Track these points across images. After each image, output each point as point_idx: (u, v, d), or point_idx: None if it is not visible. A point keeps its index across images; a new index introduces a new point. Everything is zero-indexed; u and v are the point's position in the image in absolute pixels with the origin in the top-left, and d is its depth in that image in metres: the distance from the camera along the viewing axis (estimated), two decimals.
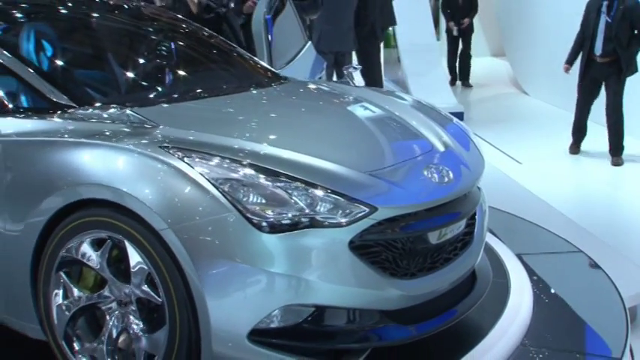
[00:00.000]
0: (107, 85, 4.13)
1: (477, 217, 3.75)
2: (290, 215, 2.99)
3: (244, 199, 2.98)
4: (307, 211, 3.01)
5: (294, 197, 3.02)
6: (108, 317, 3.20)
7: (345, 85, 5.26)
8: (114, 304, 3.19)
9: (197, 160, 3.06)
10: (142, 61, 4.58)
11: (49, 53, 4.11)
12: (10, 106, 3.58)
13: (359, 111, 4.12)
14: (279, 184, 3.04)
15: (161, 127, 3.33)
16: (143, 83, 4.35)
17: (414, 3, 11.94)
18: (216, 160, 3.08)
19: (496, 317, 3.89)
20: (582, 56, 8.72)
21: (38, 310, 3.35)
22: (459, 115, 10.35)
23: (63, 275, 3.25)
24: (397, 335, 3.27)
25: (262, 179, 3.04)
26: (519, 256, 4.76)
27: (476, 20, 14.44)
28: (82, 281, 3.27)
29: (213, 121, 3.67)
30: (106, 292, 3.19)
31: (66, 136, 3.34)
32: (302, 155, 3.23)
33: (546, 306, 4.18)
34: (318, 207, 3.03)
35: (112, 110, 3.48)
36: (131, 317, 3.16)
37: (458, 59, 14.19)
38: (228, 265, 2.95)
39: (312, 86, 4.64)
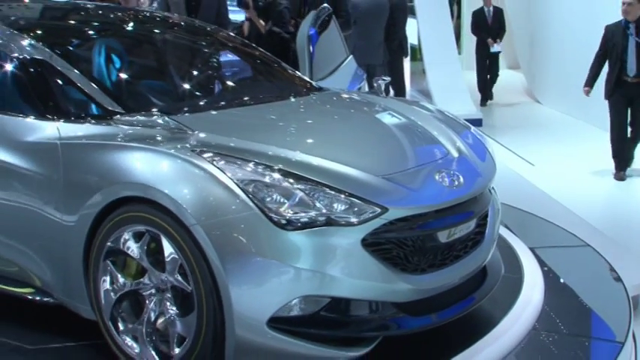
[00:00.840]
0: (153, 94, 4.05)
1: (488, 217, 3.61)
2: (308, 214, 2.93)
3: (267, 199, 2.93)
4: (324, 211, 2.95)
5: (313, 199, 2.96)
6: (147, 302, 3.15)
7: (374, 95, 5.17)
8: (153, 291, 3.15)
9: (224, 162, 3.02)
10: (186, 72, 4.55)
11: (105, 65, 4.07)
12: (69, 111, 3.54)
13: (384, 119, 4.01)
14: (300, 186, 2.99)
15: (196, 132, 3.28)
16: (186, 93, 4.30)
17: (437, 20, 11.87)
18: (244, 164, 3.04)
19: (510, 304, 3.80)
20: (611, 76, 7.92)
21: (89, 293, 3.31)
22: (478, 122, 10.32)
23: (109, 264, 3.22)
24: (415, 324, 3.18)
25: (285, 182, 2.99)
26: (532, 249, 4.66)
27: None
28: (126, 269, 3.22)
29: (245, 126, 3.58)
30: (146, 279, 3.15)
31: (118, 139, 3.30)
32: (325, 160, 3.16)
33: (556, 294, 4.09)
34: (335, 207, 2.97)
35: (153, 117, 3.43)
36: (167, 303, 3.11)
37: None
38: (250, 258, 2.90)
39: (345, 96, 4.51)
